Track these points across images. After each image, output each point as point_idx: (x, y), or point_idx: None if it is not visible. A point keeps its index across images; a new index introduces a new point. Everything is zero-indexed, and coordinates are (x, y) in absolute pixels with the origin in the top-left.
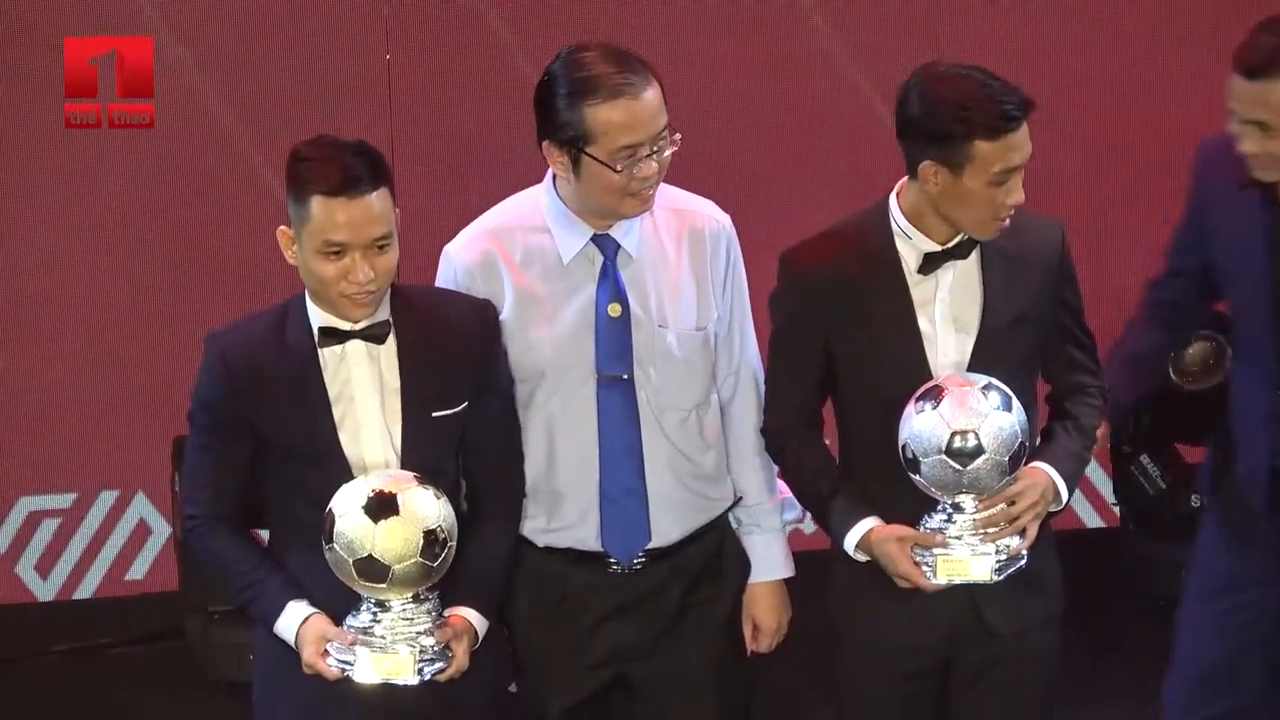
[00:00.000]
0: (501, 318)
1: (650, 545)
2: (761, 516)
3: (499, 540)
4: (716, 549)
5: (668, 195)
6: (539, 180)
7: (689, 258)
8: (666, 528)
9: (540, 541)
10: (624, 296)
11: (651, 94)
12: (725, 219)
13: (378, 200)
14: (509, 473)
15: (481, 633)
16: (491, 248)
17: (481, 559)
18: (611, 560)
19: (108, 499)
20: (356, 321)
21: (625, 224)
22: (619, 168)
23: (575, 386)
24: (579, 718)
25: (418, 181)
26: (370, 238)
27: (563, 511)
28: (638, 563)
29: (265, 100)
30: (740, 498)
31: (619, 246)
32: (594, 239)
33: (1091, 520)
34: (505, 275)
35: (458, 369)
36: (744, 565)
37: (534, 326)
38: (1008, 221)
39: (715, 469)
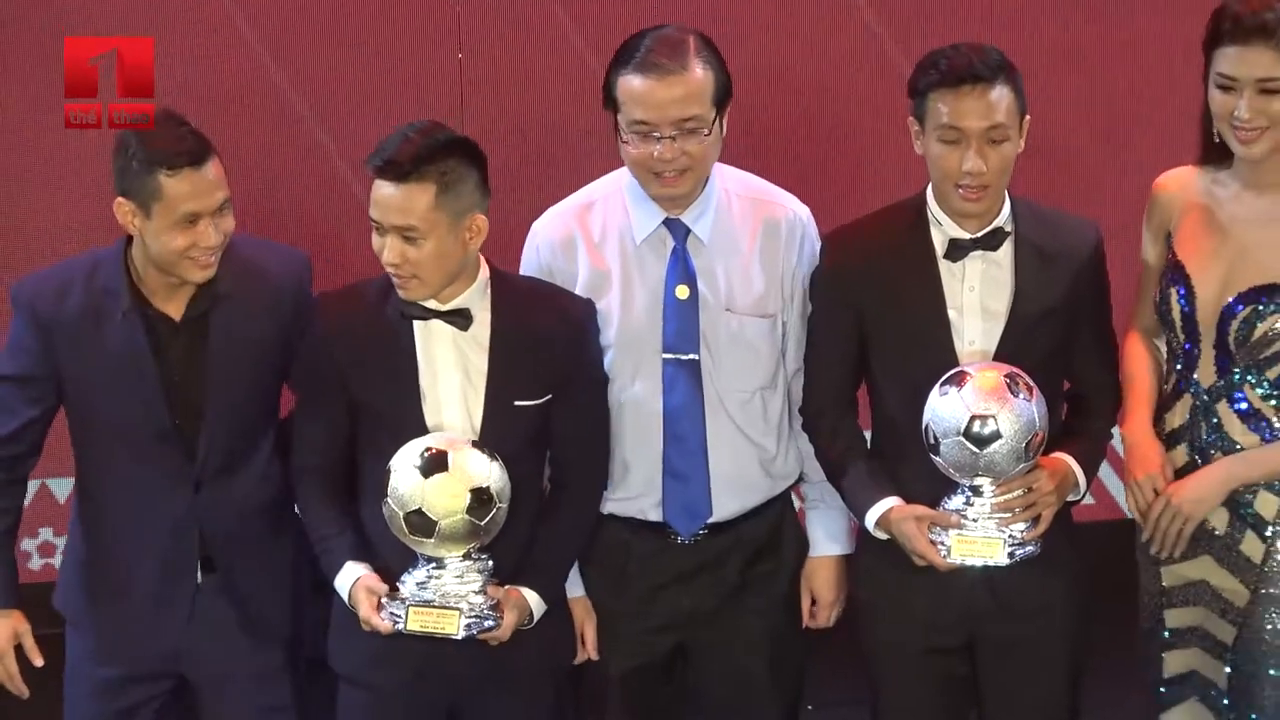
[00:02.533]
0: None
1: (712, 521)
2: (827, 493)
3: (572, 528)
4: (776, 524)
5: (748, 184)
6: (607, 173)
7: (762, 246)
8: (727, 504)
9: (604, 509)
10: (693, 279)
11: (681, 80)
12: (804, 210)
13: (415, 192)
14: (592, 464)
15: (537, 613)
16: (574, 226)
17: (550, 543)
18: (673, 531)
19: None
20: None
21: (697, 208)
22: (626, 139)
23: (642, 364)
24: (638, 683)
25: (490, 176)
26: (395, 225)
27: (627, 483)
28: (699, 534)
29: (338, 96)
30: (804, 475)
31: (689, 230)
32: (666, 222)
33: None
34: (581, 252)
35: (545, 362)
36: (801, 542)
37: (604, 302)
38: (971, 195)
39: (777, 450)
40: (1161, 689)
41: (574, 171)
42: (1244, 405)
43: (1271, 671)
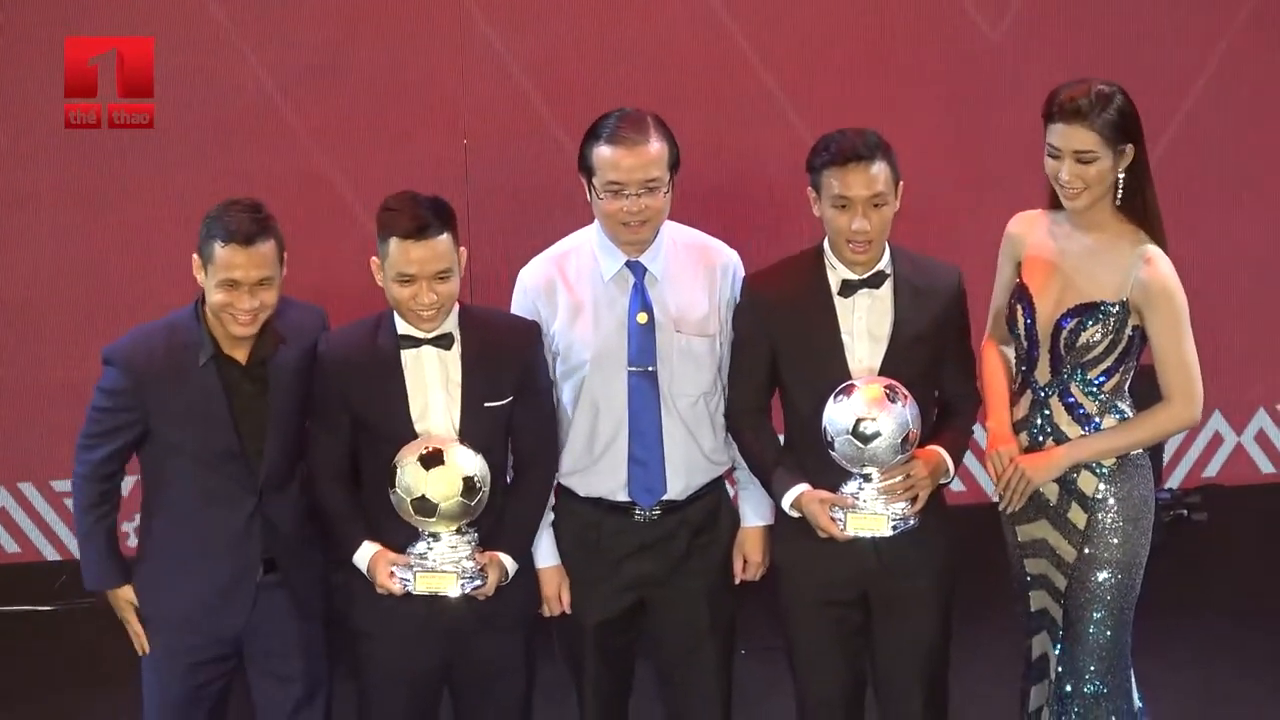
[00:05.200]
0: (557, 324)
1: (666, 497)
2: (755, 479)
3: (534, 501)
4: (715, 506)
5: (690, 234)
6: (578, 229)
7: (704, 283)
8: (677, 482)
9: (581, 492)
10: (650, 307)
11: (645, 150)
12: (734, 255)
13: (442, 242)
14: (545, 452)
15: (511, 572)
16: (553, 271)
17: (517, 517)
18: (636, 511)
19: None
20: (428, 332)
21: (651, 252)
22: (602, 197)
23: (612, 375)
24: (607, 631)
25: (490, 240)
26: (434, 271)
27: (599, 469)
28: (655, 514)
29: (369, 175)
30: (737, 463)
31: (646, 270)
32: (627, 263)
33: None
34: (560, 292)
35: (506, 371)
36: (733, 520)
37: (580, 328)
38: (858, 249)
39: (716, 441)
40: (1027, 618)
41: (553, 228)
42: (1070, 399)
43: (1095, 614)
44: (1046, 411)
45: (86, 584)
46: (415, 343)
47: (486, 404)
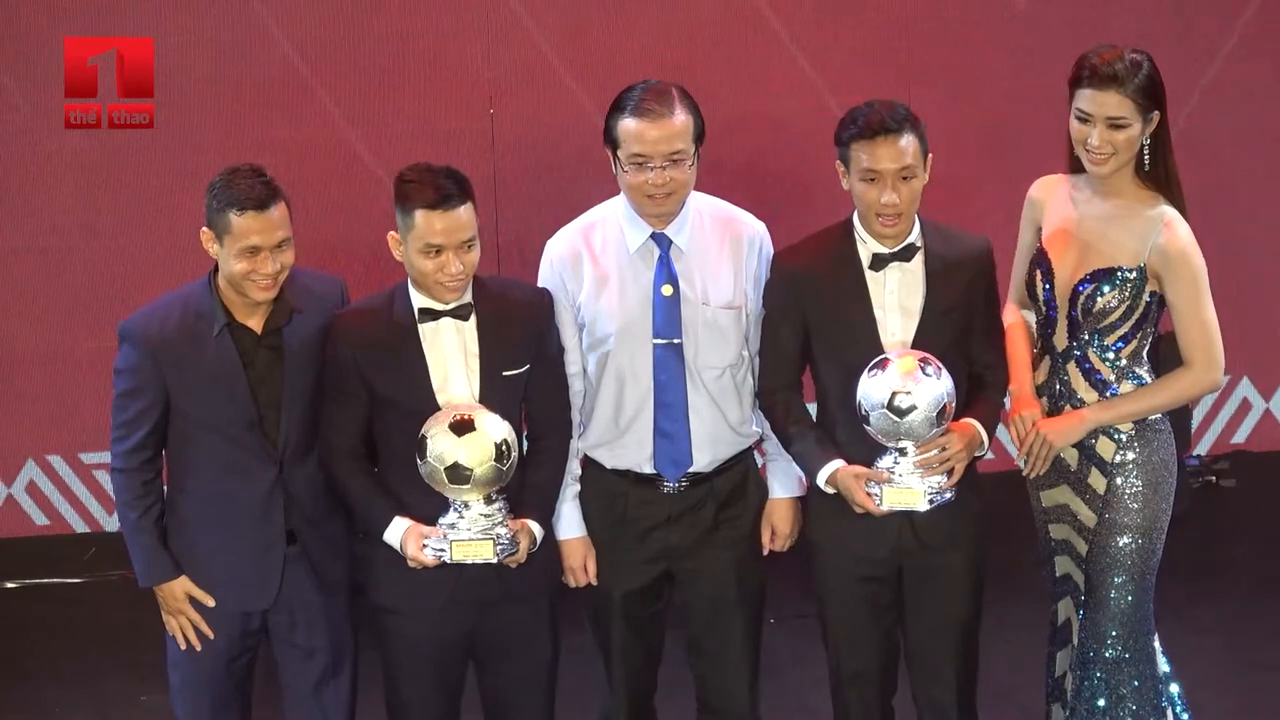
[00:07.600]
0: (583, 297)
1: (692, 470)
2: (783, 451)
3: (552, 469)
4: (742, 478)
5: (716, 205)
6: (604, 199)
7: (730, 254)
8: (704, 456)
9: (608, 464)
10: (675, 280)
11: (669, 123)
12: (761, 226)
13: (465, 211)
14: (560, 418)
15: (539, 537)
16: (580, 242)
17: (539, 483)
18: (663, 483)
19: None
20: (448, 303)
21: (677, 224)
22: (626, 169)
23: (637, 348)
24: (635, 602)
25: (516, 208)
26: (460, 240)
27: (625, 441)
28: (682, 485)
29: (396, 146)
30: (765, 435)
31: (671, 242)
32: (653, 235)
33: None
34: (586, 264)
35: (521, 339)
36: (761, 491)
37: (606, 301)
38: (888, 222)
39: (742, 413)
40: (1052, 584)
41: (582, 203)
42: (1087, 365)
43: (1116, 579)
44: (1064, 377)
45: (141, 581)
46: (434, 315)
47: (505, 373)
